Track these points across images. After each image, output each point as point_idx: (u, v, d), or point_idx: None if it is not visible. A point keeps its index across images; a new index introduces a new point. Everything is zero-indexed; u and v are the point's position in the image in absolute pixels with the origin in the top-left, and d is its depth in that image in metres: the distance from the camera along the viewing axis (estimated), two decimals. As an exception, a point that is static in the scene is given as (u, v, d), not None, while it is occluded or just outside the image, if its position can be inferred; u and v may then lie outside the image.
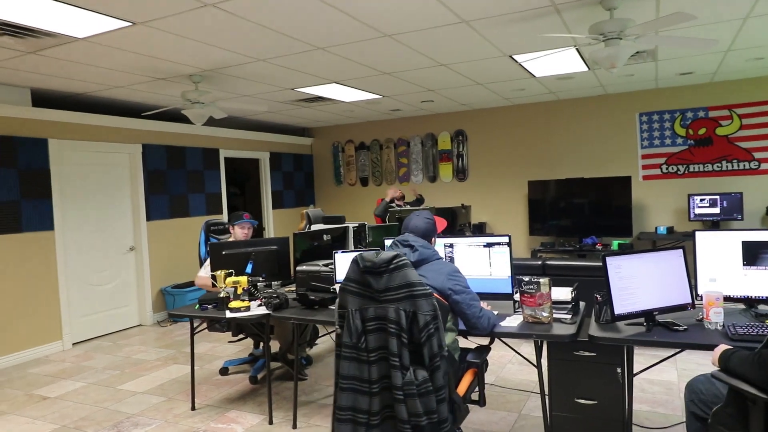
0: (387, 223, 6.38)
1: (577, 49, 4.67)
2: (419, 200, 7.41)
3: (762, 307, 2.67)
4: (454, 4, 3.40)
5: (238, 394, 4.07)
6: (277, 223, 8.78)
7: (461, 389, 2.43)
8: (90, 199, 6.01)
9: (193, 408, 3.78)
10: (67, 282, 5.64)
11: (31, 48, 3.96)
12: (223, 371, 4.52)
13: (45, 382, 4.53)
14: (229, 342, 5.36)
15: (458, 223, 7.31)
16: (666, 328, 2.50)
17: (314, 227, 5.22)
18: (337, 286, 3.25)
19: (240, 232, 4.42)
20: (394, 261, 2.14)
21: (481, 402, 2.60)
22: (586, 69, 5.52)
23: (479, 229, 7.82)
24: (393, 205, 6.85)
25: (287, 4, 3.25)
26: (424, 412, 2.05)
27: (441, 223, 2.91)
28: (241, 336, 4.43)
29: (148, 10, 3.25)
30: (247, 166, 8.93)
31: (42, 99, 5.58)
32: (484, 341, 2.88)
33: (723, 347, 2.13)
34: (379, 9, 3.44)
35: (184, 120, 5.71)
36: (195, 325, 3.79)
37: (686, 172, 6.90)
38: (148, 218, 6.57)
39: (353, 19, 3.61)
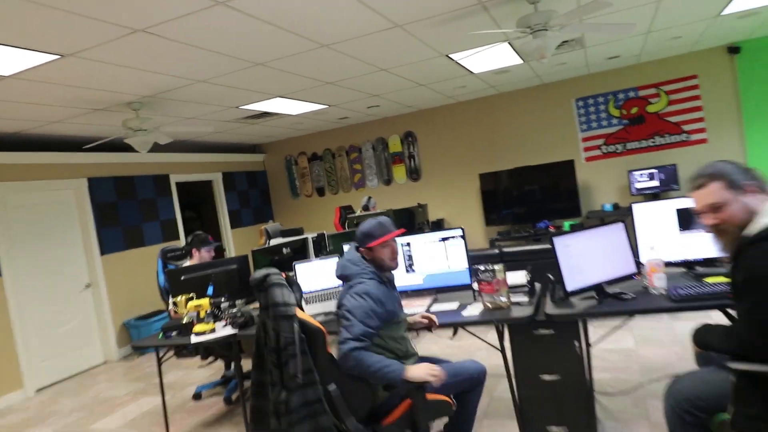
0: (346, 230, 6.38)
1: (509, 43, 4.81)
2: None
3: (700, 269, 2.81)
4: (384, 9, 3.45)
5: (214, 417, 3.98)
6: (237, 242, 8.65)
7: (391, 418, 2.35)
8: (39, 240, 5.77)
9: (167, 438, 3.69)
10: (22, 327, 5.39)
11: (-45, 90, 3.80)
12: (197, 397, 4.42)
13: (9, 433, 4.34)
14: (199, 367, 5.24)
15: (416, 222, 7.38)
16: (616, 299, 2.61)
17: (273, 242, 5.18)
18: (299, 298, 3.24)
19: (207, 255, 4.36)
20: (266, 280, 2.17)
21: None
22: (520, 62, 5.68)
23: (438, 226, 7.91)
24: (351, 212, 6.86)
25: (217, 22, 3.22)
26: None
27: (383, 232, 2.53)
28: (210, 359, 4.36)
29: (76, 41, 3.16)
30: (201, 189, 8.76)
31: (-25, 142, 5.34)
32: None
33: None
34: (311, 20, 3.46)
35: (130, 149, 5.56)
36: (161, 354, 3.69)
37: (624, 150, 7.19)
38: (102, 252, 6.36)
39: (288, 32, 3.61)
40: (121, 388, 5.12)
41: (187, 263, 4.40)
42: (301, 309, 2.47)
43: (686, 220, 2.82)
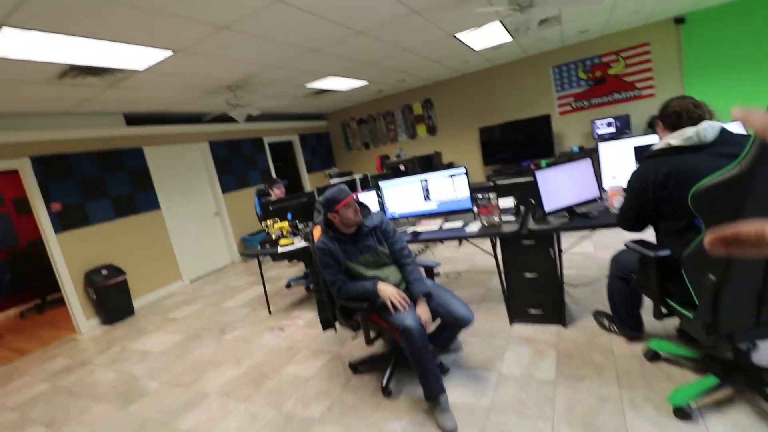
0: (384, 171, 6.13)
1: (501, 22, 4.19)
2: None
3: (651, 192, 2.45)
4: (404, -2, 2.98)
5: (299, 299, 4.04)
6: (312, 182, 8.54)
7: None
8: (181, 185, 5.80)
9: (269, 312, 3.77)
10: (177, 241, 5.56)
11: (110, 83, 3.63)
12: (288, 286, 4.48)
13: (174, 308, 4.56)
14: (288, 266, 5.32)
15: (433, 164, 7.02)
16: (583, 217, 2.32)
17: (333, 181, 5.00)
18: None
19: (279, 191, 4.24)
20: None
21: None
22: (510, 39, 5.00)
23: (449, 167, 7.50)
24: (388, 159, 6.55)
25: (277, 17, 2.86)
26: None
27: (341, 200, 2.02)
28: (295, 261, 4.35)
29: (180, 38, 2.89)
30: (285, 147, 8.56)
31: (134, 118, 5.27)
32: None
33: None
34: (350, 11, 3.03)
35: (236, 121, 5.36)
36: (261, 259, 3.69)
37: (589, 105, 6.44)
38: (223, 191, 6.38)
39: (332, 23, 3.20)
40: (242, 280, 5.28)
41: (271, 198, 4.31)
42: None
43: (640, 154, 2.42)
